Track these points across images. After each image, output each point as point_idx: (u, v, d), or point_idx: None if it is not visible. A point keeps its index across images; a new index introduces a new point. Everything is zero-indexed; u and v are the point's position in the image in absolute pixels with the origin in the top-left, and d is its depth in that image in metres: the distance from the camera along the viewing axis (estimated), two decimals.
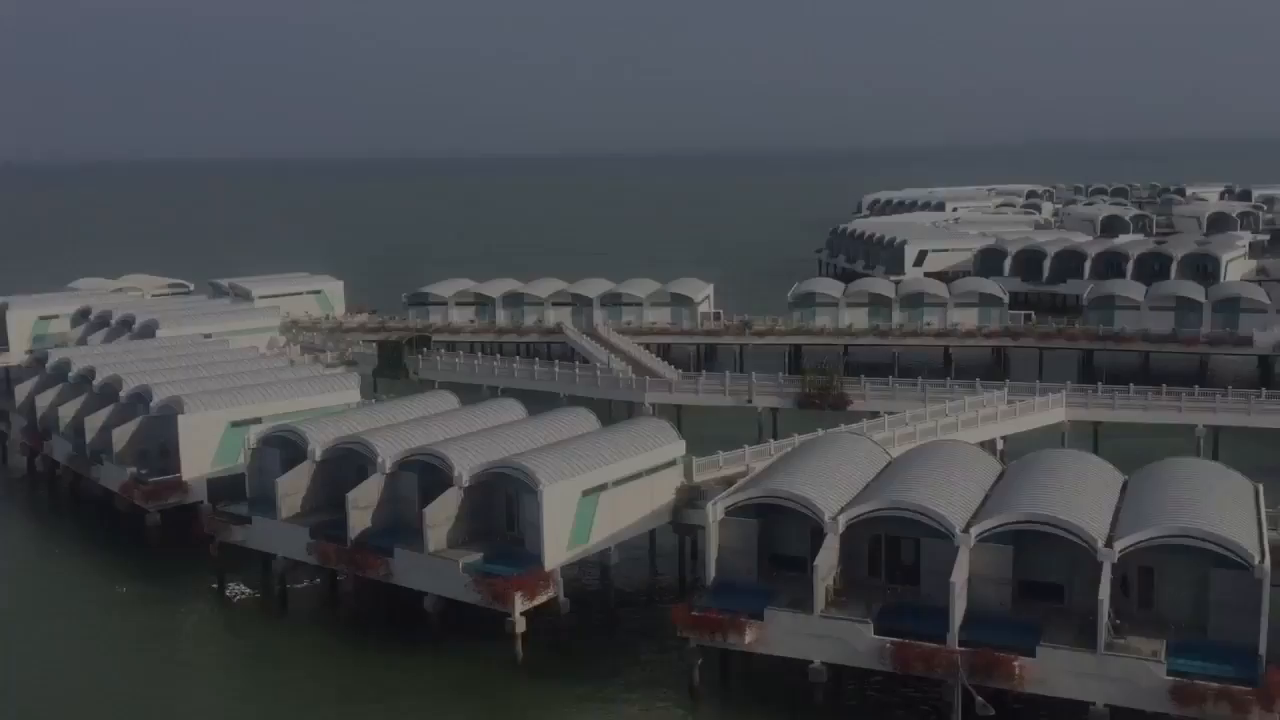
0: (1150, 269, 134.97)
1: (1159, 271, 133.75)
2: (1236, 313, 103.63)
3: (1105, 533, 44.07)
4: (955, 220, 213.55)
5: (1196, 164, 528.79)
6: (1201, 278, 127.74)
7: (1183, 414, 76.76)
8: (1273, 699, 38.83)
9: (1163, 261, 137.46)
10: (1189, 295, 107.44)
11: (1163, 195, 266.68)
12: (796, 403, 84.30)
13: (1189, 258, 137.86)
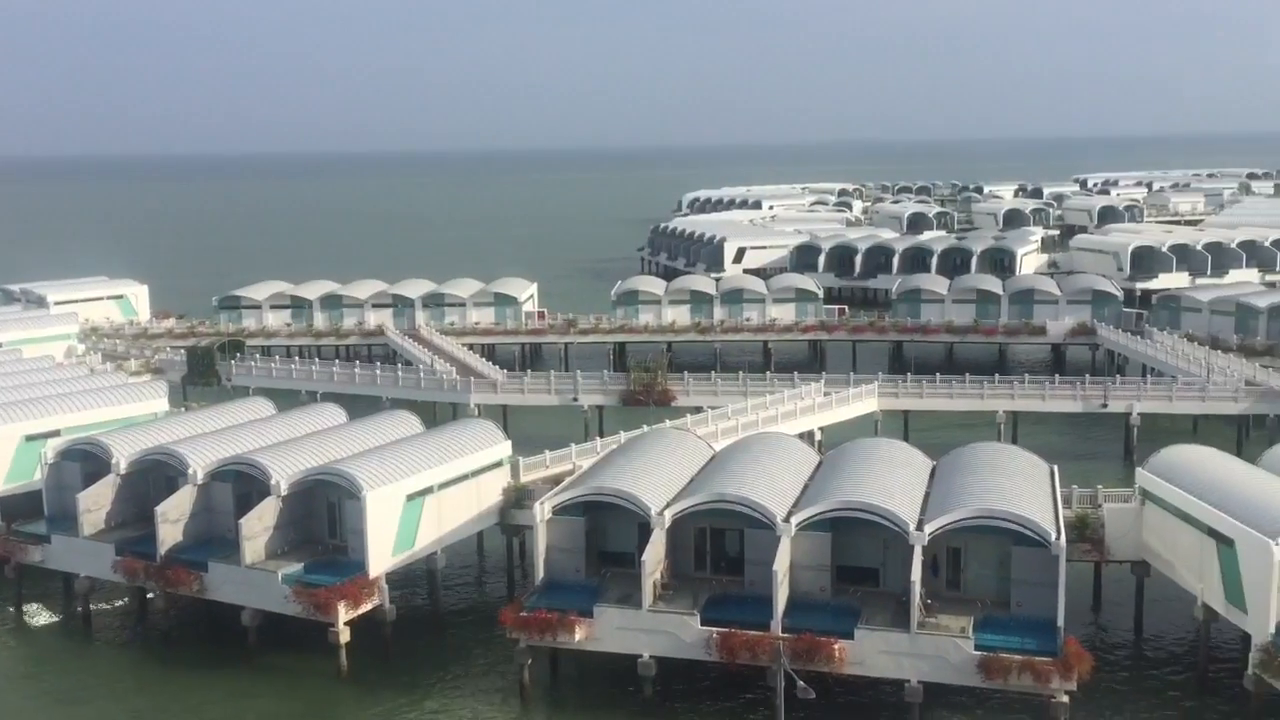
0: (952, 263, 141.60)
1: (960, 266, 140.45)
2: (1031, 304, 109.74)
3: (916, 517, 45.99)
4: (772, 218, 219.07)
5: (993, 164, 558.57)
6: (999, 271, 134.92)
7: (984, 401, 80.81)
8: (1071, 668, 41.29)
9: (964, 256, 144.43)
10: (988, 288, 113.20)
11: (963, 193, 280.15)
12: (621, 400, 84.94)
13: (987, 252, 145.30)
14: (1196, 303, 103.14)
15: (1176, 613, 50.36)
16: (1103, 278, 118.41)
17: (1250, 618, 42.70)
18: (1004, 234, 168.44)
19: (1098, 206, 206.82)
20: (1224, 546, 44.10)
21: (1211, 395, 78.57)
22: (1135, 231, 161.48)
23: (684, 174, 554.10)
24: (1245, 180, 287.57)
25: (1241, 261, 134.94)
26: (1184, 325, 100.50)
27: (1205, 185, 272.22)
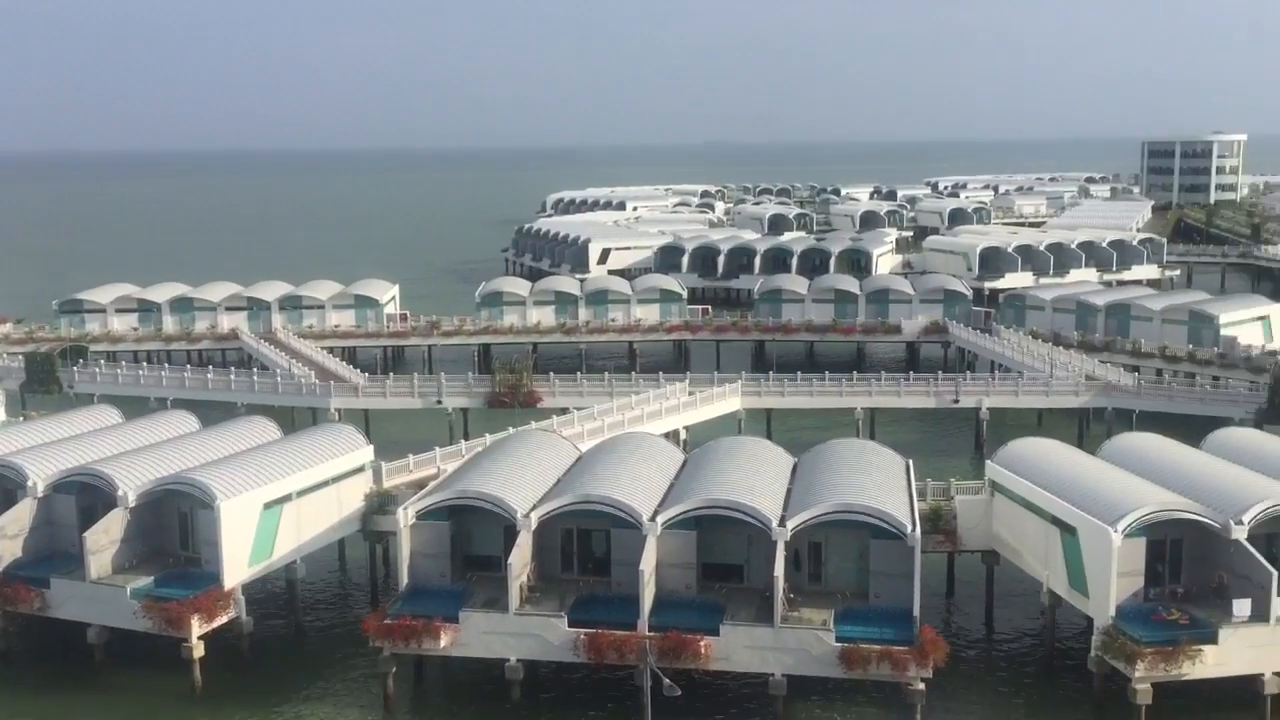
0: (812, 264, 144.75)
1: (819, 266, 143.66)
2: (887, 303, 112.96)
3: (779, 513, 46.81)
4: (636, 219, 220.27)
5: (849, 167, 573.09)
6: (856, 271, 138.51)
7: (843, 398, 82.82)
8: (926, 656, 42.61)
9: (822, 257, 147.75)
10: (846, 288, 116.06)
11: (821, 195, 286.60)
12: (487, 402, 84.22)
13: (845, 253, 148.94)
14: (1040, 301, 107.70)
15: (1024, 599, 52.44)
16: (953, 278, 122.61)
17: (1092, 602, 44.75)
18: (860, 235, 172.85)
19: (948, 209, 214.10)
20: (1067, 534, 46.12)
21: (1055, 390, 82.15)
22: (983, 233, 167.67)
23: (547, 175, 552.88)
24: (1084, 184, 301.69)
25: (1081, 261, 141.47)
26: (1029, 323, 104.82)
27: (1047, 189, 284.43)
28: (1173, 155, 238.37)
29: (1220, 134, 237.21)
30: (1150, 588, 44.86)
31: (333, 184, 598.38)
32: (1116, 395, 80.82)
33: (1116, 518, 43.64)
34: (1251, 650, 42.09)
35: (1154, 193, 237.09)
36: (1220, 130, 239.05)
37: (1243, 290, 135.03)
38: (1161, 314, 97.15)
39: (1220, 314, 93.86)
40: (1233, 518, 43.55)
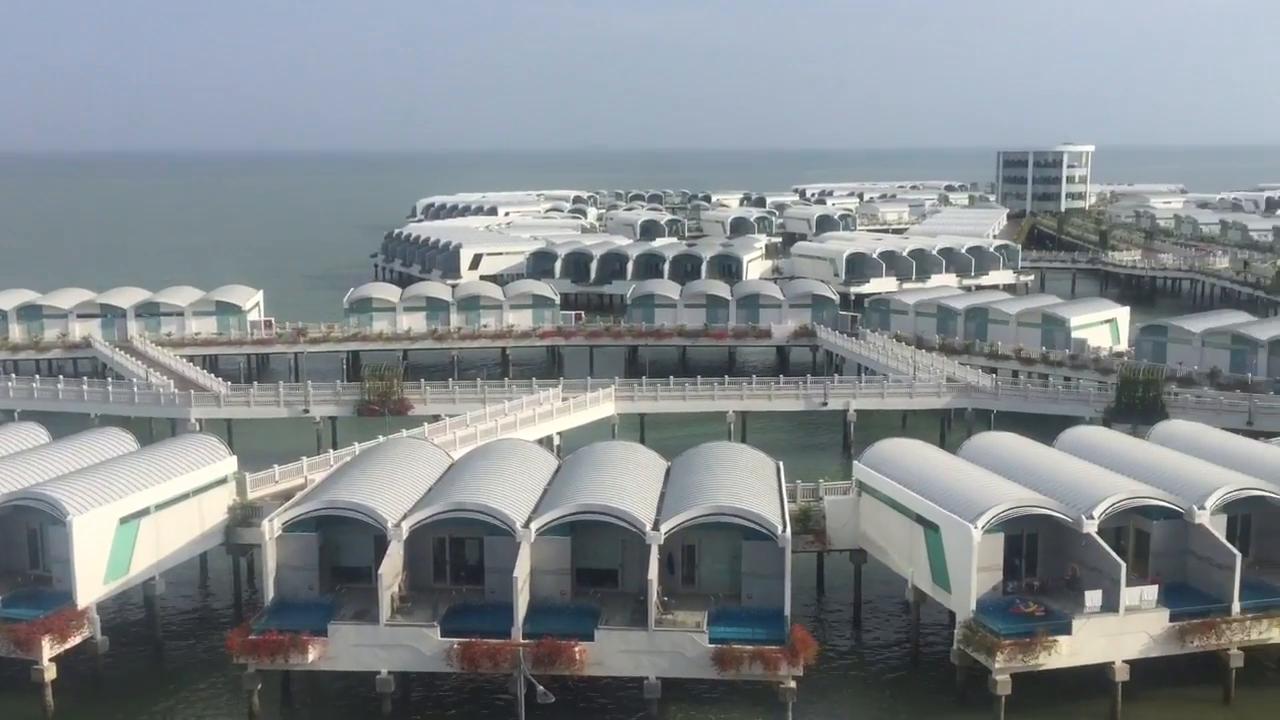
0: (684, 269, 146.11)
1: (691, 271, 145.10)
2: (757, 308, 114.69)
3: (653, 517, 47.03)
4: (508, 224, 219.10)
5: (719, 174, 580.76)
6: (727, 277, 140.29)
7: (716, 402, 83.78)
8: (797, 654, 43.32)
9: (694, 262, 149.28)
10: (717, 293, 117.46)
11: (692, 201, 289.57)
12: (356, 410, 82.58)
13: (716, 258, 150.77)
14: (903, 305, 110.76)
15: (891, 596, 53.82)
16: (821, 283, 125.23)
17: (954, 597, 46.19)
18: (731, 241, 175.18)
19: (815, 215, 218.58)
20: (930, 532, 47.51)
21: (918, 391, 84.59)
22: (849, 239, 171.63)
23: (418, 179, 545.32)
24: (944, 192, 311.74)
25: (942, 267, 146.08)
26: (893, 326, 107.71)
27: (909, 196, 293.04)
28: (1026, 165, 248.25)
29: (1070, 145, 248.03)
30: (1008, 582, 46.51)
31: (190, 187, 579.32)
32: (976, 396, 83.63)
33: (976, 515, 45.13)
34: (1103, 639, 43.99)
35: (1009, 201, 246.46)
36: (1070, 141, 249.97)
37: (1092, 294, 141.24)
38: (1017, 317, 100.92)
39: (1071, 317, 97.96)
40: (1084, 512, 45.46)
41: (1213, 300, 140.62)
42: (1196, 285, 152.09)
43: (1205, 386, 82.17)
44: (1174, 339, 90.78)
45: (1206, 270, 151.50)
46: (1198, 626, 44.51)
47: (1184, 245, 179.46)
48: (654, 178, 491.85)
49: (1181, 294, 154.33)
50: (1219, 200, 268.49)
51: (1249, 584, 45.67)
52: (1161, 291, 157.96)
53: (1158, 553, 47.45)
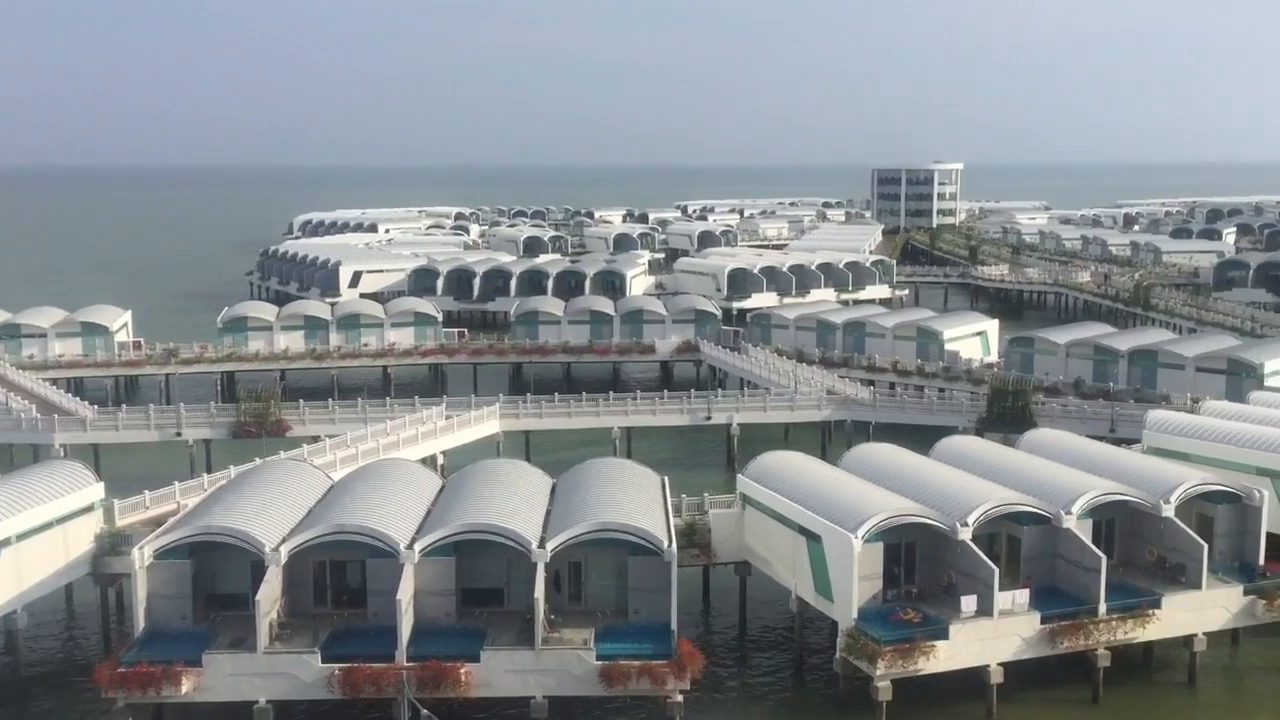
0: (568, 285, 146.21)
1: (575, 288, 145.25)
2: (641, 324, 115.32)
3: (538, 534, 46.79)
4: (388, 241, 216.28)
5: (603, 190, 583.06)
6: (611, 293, 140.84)
7: (601, 418, 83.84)
8: (684, 668, 43.52)
9: (578, 278, 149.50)
10: (601, 309, 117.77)
11: (575, 218, 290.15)
12: (231, 432, 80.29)
13: (600, 275, 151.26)
14: (784, 320, 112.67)
15: (775, 607, 54.47)
16: (704, 298, 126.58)
17: (836, 606, 47.01)
18: (614, 257, 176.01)
19: (697, 231, 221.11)
20: (812, 542, 48.29)
21: (799, 405, 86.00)
22: (730, 255, 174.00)
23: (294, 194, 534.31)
24: (821, 209, 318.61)
25: (821, 282, 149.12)
26: (774, 341, 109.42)
27: (788, 213, 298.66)
28: (899, 182, 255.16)
29: (940, 163, 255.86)
30: (888, 589, 47.55)
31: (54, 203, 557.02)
32: (855, 408, 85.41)
33: (856, 524, 46.05)
34: (978, 643, 45.27)
35: (884, 217, 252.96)
36: (940, 160, 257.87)
37: (963, 308, 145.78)
38: (893, 331, 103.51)
39: (944, 330, 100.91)
40: (959, 520, 46.78)
41: (1076, 313, 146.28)
42: (1061, 298, 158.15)
43: (1070, 396, 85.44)
44: (1040, 350, 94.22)
45: (1070, 284, 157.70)
46: (1067, 628, 46.12)
47: (1048, 260, 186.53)
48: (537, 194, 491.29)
49: (1047, 307, 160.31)
50: (1080, 217, 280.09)
51: (1114, 585, 47.52)
52: (1028, 304, 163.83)
53: (1028, 557, 49.08)
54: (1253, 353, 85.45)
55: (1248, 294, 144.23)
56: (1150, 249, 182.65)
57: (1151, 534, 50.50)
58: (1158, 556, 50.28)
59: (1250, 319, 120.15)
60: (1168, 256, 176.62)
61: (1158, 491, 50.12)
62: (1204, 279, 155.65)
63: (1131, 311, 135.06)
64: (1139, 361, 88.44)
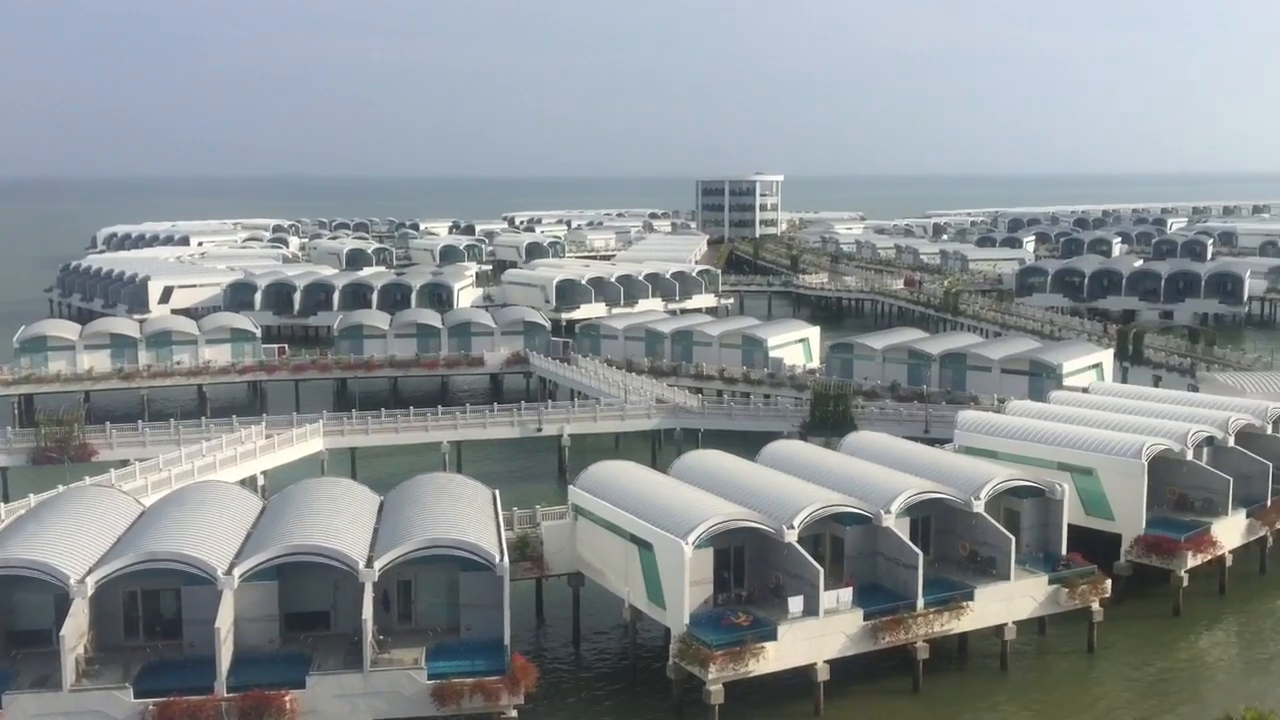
0: (393, 298, 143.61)
1: (401, 301, 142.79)
2: (469, 336, 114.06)
3: (366, 554, 45.62)
4: (201, 255, 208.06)
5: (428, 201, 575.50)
6: (438, 305, 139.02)
7: (429, 433, 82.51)
8: (518, 683, 43.12)
9: (404, 291, 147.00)
10: (428, 322, 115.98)
11: (400, 230, 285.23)
12: (31, 459, 75.58)
13: (426, 287, 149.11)
14: (613, 330, 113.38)
15: (609, 617, 54.60)
16: (532, 309, 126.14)
17: (669, 612, 47.44)
18: (441, 269, 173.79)
19: (525, 243, 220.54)
20: (644, 550, 48.63)
21: (629, 414, 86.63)
22: (559, 266, 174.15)
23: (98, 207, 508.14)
24: (648, 219, 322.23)
25: (648, 292, 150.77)
26: (603, 351, 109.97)
27: (615, 224, 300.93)
28: (723, 193, 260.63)
29: (761, 174, 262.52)
30: (719, 594, 48.29)
31: None
32: (683, 416, 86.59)
33: (686, 531, 46.60)
34: (806, 642, 46.43)
35: (708, 227, 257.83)
36: (762, 172, 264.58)
37: (786, 315, 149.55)
38: (719, 339, 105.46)
39: (769, 338, 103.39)
40: (785, 523, 47.90)
41: (891, 319, 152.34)
42: (877, 305, 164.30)
43: (887, 399, 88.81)
44: (859, 355, 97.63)
45: (885, 291, 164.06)
46: (888, 623, 47.77)
47: (865, 268, 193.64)
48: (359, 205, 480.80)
49: (864, 313, 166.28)
50: (894, 227, 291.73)
51: (930, 580, 49.51)
52: (847, 311, 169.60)
53: (851, 556, 50.67)
54: (1052, 354, 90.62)
55: (1046, 299, 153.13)
56: (958, 257, 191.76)
57: (964, 529, 52.86)
58: (970, 551, 52.65)
59: (1049, 322, 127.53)
60: (974, 264, 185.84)
61: (969, 489, 52.50)
62: (1007, 285, 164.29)
63: (942, 317, 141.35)
64: (949, 364, 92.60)
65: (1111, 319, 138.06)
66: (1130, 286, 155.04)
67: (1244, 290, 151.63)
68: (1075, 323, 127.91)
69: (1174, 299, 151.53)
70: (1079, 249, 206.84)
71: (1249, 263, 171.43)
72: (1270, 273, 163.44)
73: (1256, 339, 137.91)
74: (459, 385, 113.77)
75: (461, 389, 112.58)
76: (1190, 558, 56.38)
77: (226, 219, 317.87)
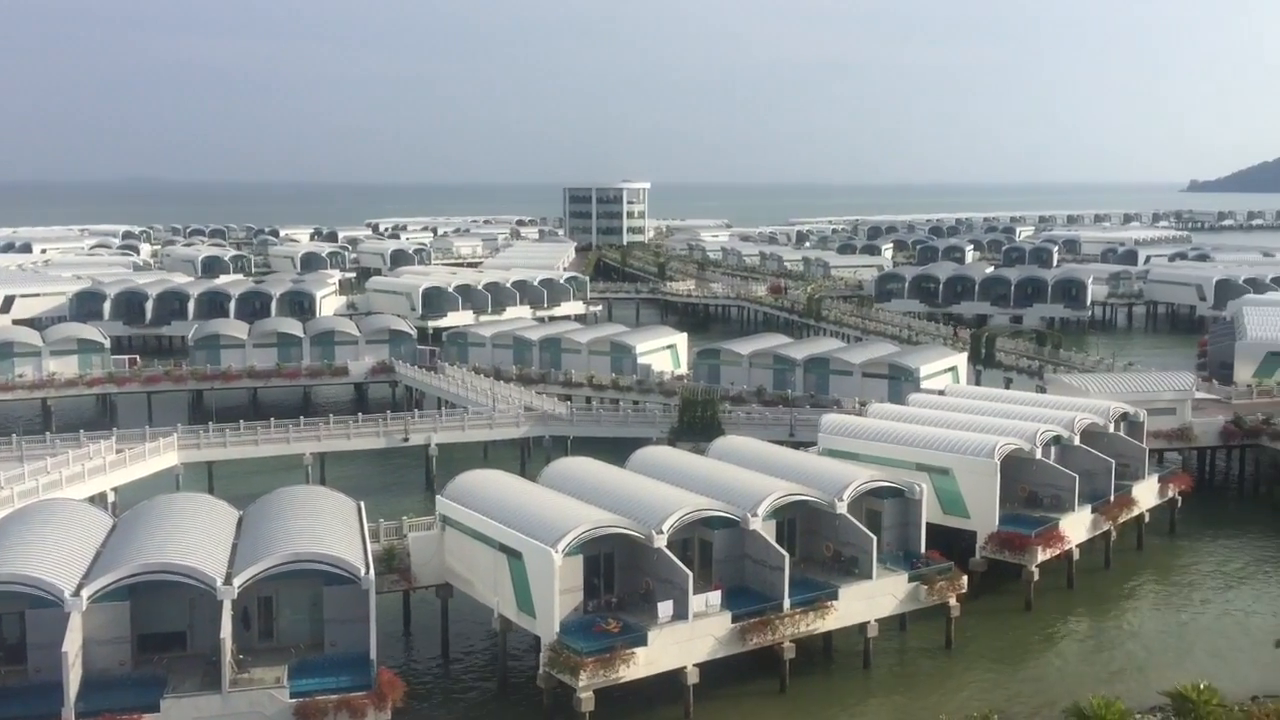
0: (252, 307, 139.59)
1: (260, 309, 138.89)
2: (332, 345, 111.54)
3: (224, 571, 44.15)
4: (45, 263, 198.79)
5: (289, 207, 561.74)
6: (299, 314, 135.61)
7: (291, 444, 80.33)
8: (385, 698, 42.25)
9: (263, 300, 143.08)
10: (289, 331, 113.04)
11: (259, 236, 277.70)
12: None
13: (287, 295, 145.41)
14: (480, 338, 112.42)
15: (478, 627, 54.05)
16: (398, 317, 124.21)
17: (539, 621, 47.19)
18: (302, 277, 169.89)
19: (390, 250, 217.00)
20: (514, 559, 48.27)
21: (498, 422, 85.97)
22: (425, 273, 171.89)
23: None
24: (515, 226, 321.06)
25: (516, 299, 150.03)
26: (471, 359, 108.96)
27: (483, 231, 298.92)
28: (590, 201, 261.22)
29: (628, 182, 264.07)
30: (589, 601, 48.24)
31: None
32: (553, 424, 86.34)
33: (556, 539, 46.44)
34: (675, 646, 46.72)
35: (576, 235, 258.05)
36: (629, 179, 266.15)
37: (654, 322, 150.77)
38: (588, 346, 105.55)
39: (637, 344, 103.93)
40: (654, 528, 48.15)
41: (757, 325, 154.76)
42: (743, 311, 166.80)
43: (754, 403, 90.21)
44: (726, 361, 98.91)
45: (750, 298, 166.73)
46: (755, 625, 48.43)
47: (730, 275, 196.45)
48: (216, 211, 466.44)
49: (730, 319, 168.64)
50: (758, 234, 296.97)
51: (796, 581, 50.44)
52: (714, 318, 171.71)
53: (719, 560, 51.23)
54: (910, 358, 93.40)
55: (904, 304, 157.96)
56: (820, 264, 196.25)
57: (828, 530, 54.02)
58: (834, 551, 53.82)
59: (907, 327, 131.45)
60: (835, 271, 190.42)
61: (832, 490, 53.68)
62: (867, 291, 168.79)
63: (805, 323, 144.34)
64: (813, 369, 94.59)
65: (965, 323, 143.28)
66: (982, 292, 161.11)
67: (1087, 295, 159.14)
68: (931, 327, 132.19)
69: (1023, 304, 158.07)
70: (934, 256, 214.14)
71: (1091, 269, 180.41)
72: (1111, 278, 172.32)
73: (1099, 341, 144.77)
74: (322, 396, 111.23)
75: (325, 399, 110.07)
76: (1040, 553, 58.73)
77: (72, 225, 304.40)
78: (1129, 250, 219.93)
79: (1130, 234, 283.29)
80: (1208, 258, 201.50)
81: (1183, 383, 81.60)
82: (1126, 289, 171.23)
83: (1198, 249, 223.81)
